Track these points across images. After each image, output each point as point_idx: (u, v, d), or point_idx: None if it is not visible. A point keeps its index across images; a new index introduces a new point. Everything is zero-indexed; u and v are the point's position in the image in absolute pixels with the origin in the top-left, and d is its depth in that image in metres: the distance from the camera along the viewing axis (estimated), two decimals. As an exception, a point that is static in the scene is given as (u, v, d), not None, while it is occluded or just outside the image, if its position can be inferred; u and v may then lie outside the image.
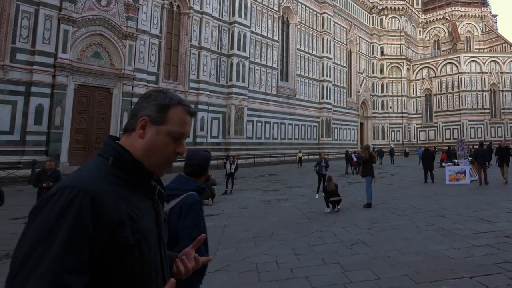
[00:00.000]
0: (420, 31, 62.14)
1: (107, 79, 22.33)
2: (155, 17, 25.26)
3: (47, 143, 19.48)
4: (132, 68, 23.30)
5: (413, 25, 60.09)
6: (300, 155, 30.18)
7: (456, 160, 15.92)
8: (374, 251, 5.49)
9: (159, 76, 25.37)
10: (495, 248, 5.39)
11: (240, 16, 30.70)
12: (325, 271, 4.65)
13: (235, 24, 30.35)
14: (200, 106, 27.62)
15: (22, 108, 18.72)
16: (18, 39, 18.82)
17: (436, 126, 53.46)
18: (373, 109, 52.78)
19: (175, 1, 27.09)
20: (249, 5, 31.88)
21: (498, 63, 51.69)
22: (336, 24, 45.47)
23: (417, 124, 55.32)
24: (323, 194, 11.72)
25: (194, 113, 1.17)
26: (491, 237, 6.02)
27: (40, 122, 19.22)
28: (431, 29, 61.93)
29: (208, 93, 28.25)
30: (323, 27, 42.08)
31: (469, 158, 16.42)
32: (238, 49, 30.31)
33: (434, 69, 53.82)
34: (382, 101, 53.76)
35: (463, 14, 59.71)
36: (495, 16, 66.08)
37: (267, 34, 34.61)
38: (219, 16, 29.98)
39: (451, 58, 52.60)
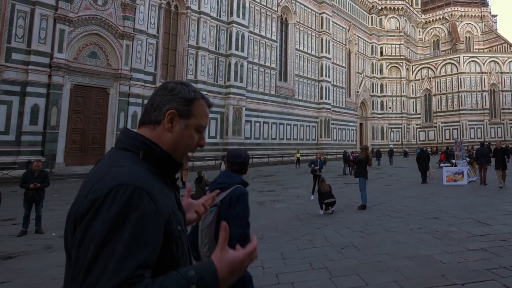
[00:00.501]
0: (419, 31, 62.00)
1: (104, 79, 22.21)
2: (152, 17, 25.13)
3: (43, 144, 19.36)
4: (129, 68, 23.18)
5: (412, 25, 59.95)
6: (298, 155, 30.05)
7: (454, 161, 15.71)
8: (364, 255, 5.34)
9: (156, 76, 25.27)
10: (490, 252, 5.27)
11: (238, 16, 30.58)
12: (312, 277, 4.51)
13: (233, 24, 30.22)
14: (197, 106, 27.45)
15: (17, 108, 18.61)
16: (13, 38, 18.71)
17: (435, 127, 53.34)
18: (373, 109, 52.63)
19: (172, 1, 26.98)
20: (247, 5, 31.76)
21: (498, 63, 51.56)
22: (335, 24, 45.35)
23: (416, 125, 55.18)
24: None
25: (212, 105, 1.19)
26: (486, 241, 5.90)
27: (35, 122, 19.11)
28: (430, 29, 61.78)
29: (205, 93, 28.06)
30: (322, 27, 41.94)
31: (467, 159, 16.28)
32: (236, 49, 30.18)
33: (434, 69, 53.68)
34: (382, 102, 53.62)
35: (463, 14, 59.57)
36: (494, 16, 65.95)
37: (266, 34, 34.49)
38: (217, 16, 29.86)
39: (450, 58, 52.47)
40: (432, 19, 61.32)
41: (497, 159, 13.03)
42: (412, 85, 55.70)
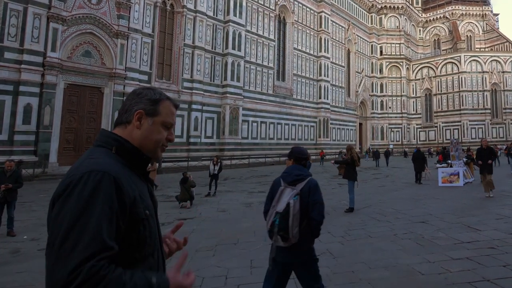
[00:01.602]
0: (420, 30, 61.61)
1: (98, 78, 22.05)
2: (148, 16, 24.95)
3: (36, 143, 19.23)
4: (124, 67, 23.01)
5: (412, 24, 59.57)
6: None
7: (449, 161, 15.40)
8: (338, 264, 5.05)
9: (151, 75, 25.08)
10: (475, 262, 4.93)
11: (235, 15, 30.37)
12: (275, 290, 4.23)
13: (230, 23, 30.01)
14: (194, 106, 27.32)
15: (10, 108, 18.49)
16: (6, 37, 18.57)
17: (436, 127, 52.96)
18: (372, 109, 52.33)
19: (168, 0, 26.76)
20: (244, 3, 31.54)
21: (499, 62, 51.13)
22: (334, 23, 45.07)
23: (417, 125, 54.82)
24: None
25: (178, 105, 1.37)
26: (473, 248, 5.57)
27: (28, 121, 18.98)
28: (431, 28, 61.37)
29: (202, 92, 27.93)
30: (320, 26, 41.67)
31: (464, 159, 15.98)
32: (233, 48, 29.97)
33: (434, 68, 53.29)
34: (381, 101, 53.30)
35: (464, 13, 59.12)
36: (496, 15, 65.43)
37: (263, 33, 34.26)
38: (214, 15, 29.65)
39: (451, 58, 52.06)
40: (433, 18, 60.90)
41: (480, 161, 11.21)
42: (413, 85, 55.33)
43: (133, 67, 23.67)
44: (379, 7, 54.10)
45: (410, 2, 58.57)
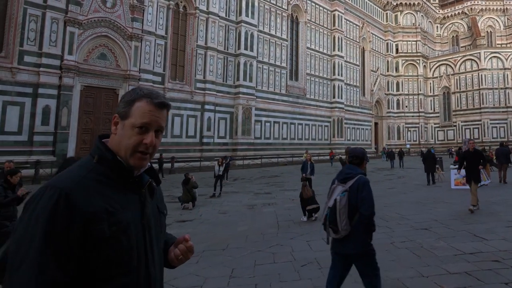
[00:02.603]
0: (437, 27, 60.16)
1: (113, 80, 22.65)
2: (161, 18, 25.43)
3: (54, 144, 19.91)
4: (138, 69, 23.55)
5: (429, 21, 58.26)
6: (305, 155, 29.67)
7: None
8: (323, 275, 4.61)
9: (165, 76, 25.54)
10: (474, 277, 4.44)
11: (247, 16, 30.56)
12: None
13: (242, 24, 30.23)
14: (206, 106, 27.66)
15: (29, 109, 19.21)
16: (25, 42, 19.32)
17: (455, 126, 51.63)
18: (388, 108, 51.56)
19: (181, 2, 27.20)
20: (256, 4, 31.70)
21: (521, 58, 49.48)
22: (348, 22, 44.67)
23: (434, 124, 53.65)
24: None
25: (161, 104, 1.17)
26: (475, 261, 5.09)
27: (47, 122, 19.68)
28: (449, 24, 59.83)
29: (214, 93, 28.25)
30: (334, 25, 41.39)
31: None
32: (245, 48, 30.17)
33: (453, 66, 52.02)
34: (398, 100, 52.43)
35: (484, 8, 57.36)
36: (518, 9, 63.24)
37: (276, 33, 34.33)
38: (226, 15, 29.93)
39: (470, 54, 50.68)
40: (451, 14, 59.34)
41: (467, 167, 9.42)
42: (430, 83, 54.17)
43: (147, 68, 24.18)
44: (395, 4, 53.20)
45: (427, -1, 57.42)
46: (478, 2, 57.41)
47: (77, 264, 0.98)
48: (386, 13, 53.02)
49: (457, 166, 16.03)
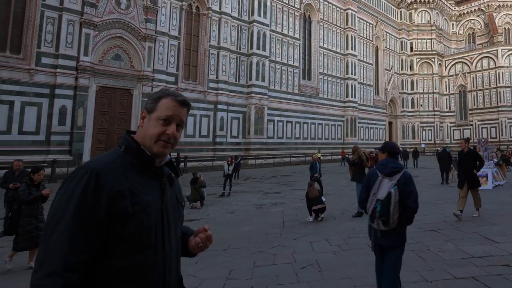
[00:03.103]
0: (453, 24, 58.97)
1: (128, 80, 22.95)
2: (174, 19, 25.66)
3: (70, 143, 20.29)
4: (151, 69, 23.82)
5: (445, 18, 57.18)
6: (319, 155, 29.47)
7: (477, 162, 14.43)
8: (322, 279, 4.56)
9: (178, 76, 25.75)
10: (481, 283, 4.18)
11: (259, 15, 30.58)
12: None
13: (254, 23, 30.26)
14: (219, 106, 27.78)
15: (47, 110, 19.63)
16: (43, 43, 19.75)
17: (471, 125, 50.51)
18: (403, 107, 50.84)
19: (194, 2, 27.40)
20: (268, 3, 31.70)
21: (541, 55, 48.09)
22: (361, 20, 44.24)
23: (450, 123, 52.62)
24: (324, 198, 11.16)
25: (183, 101, 1.36)
26: (483, 265, 4.77)
27: (63, 122, 20.07)
28: (465, 21, 58.55)
29: (227, 93, 28.35)
30: (347, 24, 41.06)
31: (495, 160, 15.08)
32: (258, 48, 30.19)
33: (469, 64, 50.94)
34: (412, 99, 51.64)
35: (501, 4, 55.79)
36: (538, 6, 61.48)
37: (288, 32, 34.26)
38: (238, 15, 30.01)
39: (487, 52, 49.48)
40: (467, 11, 58.03)
41: (460, 169, 8.43)
42: (445, 81, 53.18)
43: (160, 69, 24.43)
44: (409, 1, 52.37)
45: (442, -4, 56.32)
46: (495, -2, 56.06)
47: (103, 237, 1.13)
48: (400, 11, 52.29)
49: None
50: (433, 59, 51.90)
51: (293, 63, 34.57)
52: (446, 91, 53.12)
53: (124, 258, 1.15)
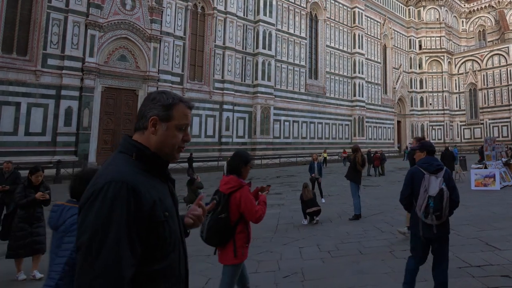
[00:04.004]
0: (462, 21, 57.89)
1: (133, 81, 23.02)
2: (179, 19, 25.65)
3: (76, 144, 20.43)
4: (157, 69, 23.85)
5: (454, 16, 56.19)
6: (325, 155, 29.28)
7: (484, 162, 14.04)
8: None
9: (183, 77, 25.74)
10: None
11: (265, 15, 30.42)
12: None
13: (260, 23, 30.11)
14: (225, 106, 27.72)
15: (53, 111, 19.80)
16: (49, 45, 19.92)
17: (482, 124, 49.59)
18: (411, 106, 50.17)
19: (199, 3, 27.36)
20: (274, 3, 31.51)
21: (553, 53, 46.97)
22: (368, 19, 43.74)
23: (460, 122, 51.76)
24: (324, 199, 10.92)
25: (193, 106, 1.42)
26: (481, 276, 4.43)
27: (69, 123, 20.22)
28: (475, 19, 57.42)
29: (233, 92, 28.26)
30: (354, 22, 40.63)
31: (503, 159, 14.68)
32: (264, 47, 30.04)
33: (479, 61, 50.00)
34: (421, 98, 50.92)
35: (512, 0, 54.84)
36: (551, 2, 60.06)
37: (294, 32, 34.03)
38: (244, 15, 29.89)
39: (498, 49, 48.47)
40: (477, 8, 56.88)
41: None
42: (455, 80, 52.30)
43: (165, 69, 24.45)
44: (418, -1, 51.70)
45: (452, -7, 55.33)
46: (506, -6, 54.91)
47: (143, 247, 1.15)
48: (409, 9, 51.56)
49: (479, 166, 15.29)
50: (442, 57, 51.09)
51: (300, 63, 34.33)
52: (456, 89, 52.27)
53: (159, 263, 1.20)
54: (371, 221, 7.93)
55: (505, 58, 47.55)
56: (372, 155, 19.66)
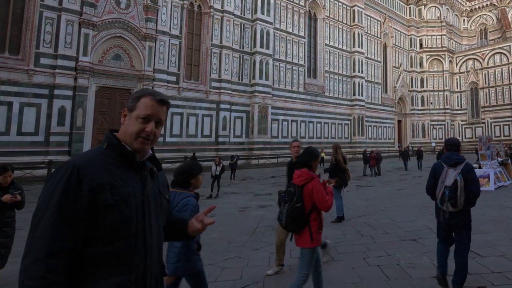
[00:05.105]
0: (464, 20, 57.35)
1: (128, 80, 22.78)
2: (175, 18, 25.39)
3: (70, 144, 20.20)
4: (152, 69, 23.60)
5: (456, 14, 55.66)
6: (322, 154, 28.91)
7: (479, 162, 13.63)
8: None
9: (179, 76, 25.48)
10: None
11: (262, 13, 30.10)
12: None
13: (258, 21, 29.79)
14: (222, 106, 27.44)
15: (46, 110, 19.56)
16: (41, 44, 19.69)
17: (483, 123, 49.09)
18: (412, 105, 49.76)
19: (195, 1, 27.08)
20: (272, 1, 31.21)
21: (556, 51, 46.40)
22: (368, 17, 43.34)
23: (462, 121, 51.28)
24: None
25: (162, 100, 1.43)
26: None
27: (63, 123, 19.99)
28: (476, 17, 56.86)
29: (230, 92, 27.98)
30: (354, 21, 40.24)
31: (499, 159, 14.31)
32: (261, 46, 29.74)
33: (481, 60, 49.48)
34: (422, 97, 50.48)
35: (514, -2, 54.26)
36: (554, -1, 59.40)
37: (293, 30, 33.70)
38: (241, 14, 29.60)
39: (500, 48, 47.95)
40: (478, 6, 56.29)
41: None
42: (456, 78, 51.81)
43: (161, 68, 24.19)
44: (418, -3, 51.21)
45: (453, -9, 54.80)
46: (508, -8, 54.34)
47: (86, 226, 1.21)
48: (409, 7, 51.12)
49: (474, 166, 14.89)
50: (443, 56, 50.62)
51: (298, 62, 34.00)
52: (457, 88, 51.80)
53: (107, 245, 1.23)
54: (354, 224, 7.62)
55: (506, 56, 47.05)
56: (368, 154, 19.33)
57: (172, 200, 2.92)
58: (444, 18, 51.21)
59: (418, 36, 51.38)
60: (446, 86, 50.30)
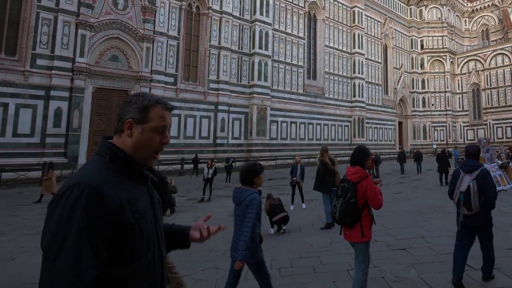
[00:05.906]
0: (465, 20, 57.02)
1: (125, 81, 22.68)
2: (173, 19, 25.28)
3: (66, 145, 20.10)
4: (150, 70, 23.49)
5: (457, 15, 55.36)
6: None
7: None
8: None
9: (177, 77, 25.36)
10: None
11: (261, 14, 29.97)
12: None
13: (257, 22, 29.65)
14: (220, 107, 27.29)
15: (42, 112, 19.50)
16: (38, 45, 19.63)
17: (485, 124, 48.69)
18: (413, 106, 49.46)
19: (193, 2, 26.98)
20: (271, 2, 31.07)
21: (559, 51, 46.02)
22: (368, 18, 43.14)
23: (463, 122, 50.94)
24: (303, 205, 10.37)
25: (172, 108, 1.38)
26: None
27: (59, 124, 19.89)
28: (478, 18, 56.53)
29: (228, 93, 27.82)
30: (354, 22, 40.06)
31: (499, 162, 14.02)
32: (260, 47, 29.59)
33: (482, 61, 49.14)
34: (423, 98, 50.18)
35: (516, -1, 53.92)
36: (557, 0, 59.02)
37: (292, 31, 33.54)
38: (240, 15, 29.47)
39: (501, 48, 47.57)
40: (480, 7, 55.96)
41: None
42: (458, 80, 51.49)
43: (159, 69, 24.08)
44: (419, -2, 50.97)
45: (454, -9, 54.52)
46: (510, -7, 53.99)
47: (109, 249, 1.13)
48: (410, 8, 50.88)
49: None
50: (444, 57, 50.32)
51: (298, 63, 33.83)
52: (458, 89, 51.49)
53: (130, 265, 1.18)
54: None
55: (508, 57, 46.71)
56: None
57: (240, 195, 3.40)
58: (445, 19, 50.93)
59: (419, 37, 51.11)
60: (447, 87, 49.99)
